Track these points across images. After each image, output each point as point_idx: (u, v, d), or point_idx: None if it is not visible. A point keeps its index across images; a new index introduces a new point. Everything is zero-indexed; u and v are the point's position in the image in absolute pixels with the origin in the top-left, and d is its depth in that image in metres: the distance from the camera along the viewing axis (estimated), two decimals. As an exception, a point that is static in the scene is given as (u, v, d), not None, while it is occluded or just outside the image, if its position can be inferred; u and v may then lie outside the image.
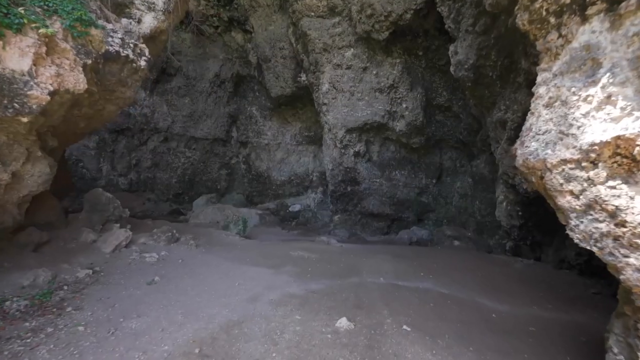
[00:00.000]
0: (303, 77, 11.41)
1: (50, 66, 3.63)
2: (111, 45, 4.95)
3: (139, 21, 5.59)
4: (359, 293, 3.95)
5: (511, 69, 5.42)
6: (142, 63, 5.20)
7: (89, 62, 4.22)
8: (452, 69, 6.54)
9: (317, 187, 13.09)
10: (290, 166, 14.70)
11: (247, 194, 15.37)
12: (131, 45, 5.04)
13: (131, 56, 4.95)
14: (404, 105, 9.79)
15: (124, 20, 5.27)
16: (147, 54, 5.28)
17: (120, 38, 5.05)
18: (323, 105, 10.21)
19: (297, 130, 14.32)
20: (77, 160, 12.96)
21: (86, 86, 4.04)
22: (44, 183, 4.10)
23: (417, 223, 10.72)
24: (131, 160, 13.61)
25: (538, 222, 6.06)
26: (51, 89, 3.58)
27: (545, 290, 4.57)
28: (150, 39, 6.62)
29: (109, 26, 5.10)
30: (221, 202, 15.09)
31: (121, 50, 4.82)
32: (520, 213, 6.21)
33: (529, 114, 2.66)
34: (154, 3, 5.65)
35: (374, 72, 9.63)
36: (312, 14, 9.68)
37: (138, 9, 5.55)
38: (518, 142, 2.70)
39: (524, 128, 2.68)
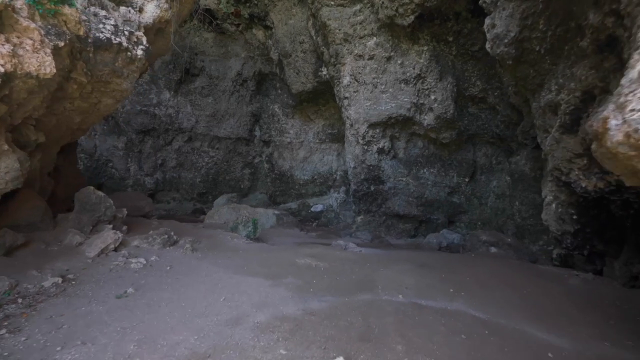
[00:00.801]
0: (324, 71, 10.57)
1: (2, 45, 3.05)
2: (102, 32, 4.41)
3: (140, 10, 5.01)
4: (368, 317, 3.03)
5: (566, 39, 4.26)
6: (139, 52, 4.59)
7: (62, 44, 3.63)
8: (488, 45, 5.42)
9: (339, 186, 12.19)
10: (313, 165, 13.93)
11: (270, 194, 14.77)
12: (125, 33, 4.44)
13: (125, 44, 4.35)
14: (433, 97, 8.67)
15: (122, 9, 4.69)
16: (144, 42, 4.67)
17: (112, 25, 4.50)
18: (344, 99, 9.32)
19: (320, 127, 13.51)
20: (107, 161, 12.93)
21: (54, 70, 3.44)
22: (14, 180, 3.56)
23: (448, 226, 9.53)
24: (157, 160, 13.42)
25: (600, 228, 4.80)
26: (2, 70, 3.00)
27: (618, 318, 3.41)
28: (157, 30, 6.08)
29: (102, 12, 4.57)
30: (244, 201, 14.60)
31: (113, 37, 4.23)
32: (575, 217, 4.97)
33: (628, 69, 1.64)
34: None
35: (399, 61, 8.59)
36: (332, 2, 8.80)
37: (138, -4, 4.97)
38: (609, 108, 1.69)
39: (624, 85, 1.66)
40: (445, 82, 8.60)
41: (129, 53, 4.42)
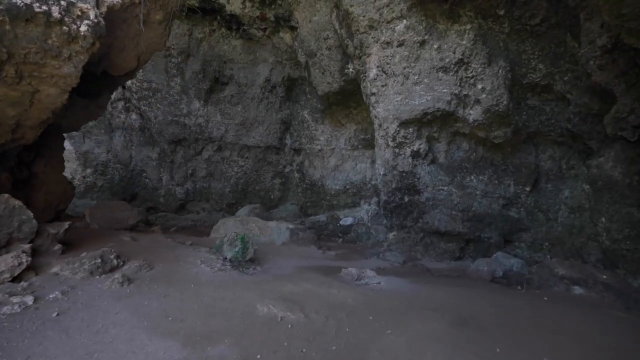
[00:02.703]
0: (350, 68, 9.14)
1: None
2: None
3: None
4: None
5: None
6: (83, 28, 3.58)
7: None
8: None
9: (371, 197, 10.50)
10: (345, 174, 12.42)
11: (301, 205, 13.50)
12: (62, 2, 3.45)
13: (56, 15, 3.35)
14: (479, 87, 6.77)
15: None
16: (92, 17, 3.65)
17: None
18: (371, 95, 7.76)
19: (352, 133, 12.01)
20: (141, 171, 12.66)
21: None
22: None
23: (504, 246, 7.39)
24: (187, 170, 12.88)
25: None
26: None
27: None
28: (135, 18, 5.13)
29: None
30: (274, 213, 13.49)
31: (35, 4, 3.25)
32: None
33: None
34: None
35: (435, 45, 6.85)
36: (355, -14, 7.40)
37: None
38: None
39: None
40: (495, 67, 6.66)
41: (64, 27, 3.40)
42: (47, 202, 4.98)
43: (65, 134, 11.45)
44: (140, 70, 11.65)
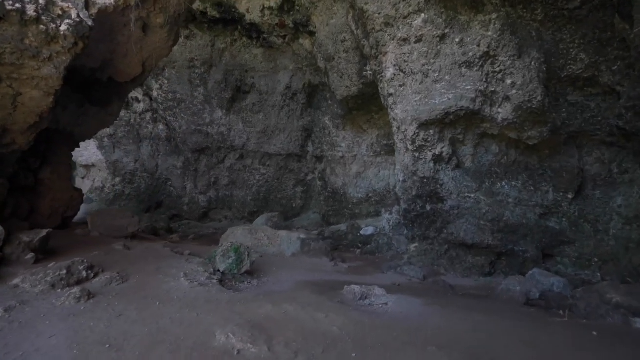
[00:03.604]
0: (368, 70, 8.63)
1: None
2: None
3: None
4: None
5: None
6: (63, 27, 3.43)
7: None
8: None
9: (392, 205, 9.79)
10: (367, 181, 11.80)
11: (324, 213, 13.03)
12: (40, 2, 3.30)
13: (32, 13, 3.21)
14: (509, 82, 5.97)
15: None
16: (74, 16, 3.50)
17: None
18: (389, 97, 7.19)
19: (374, 139, 11.41)
20: (167, 180, 12.89)
21: None
22: None
23: (542, 261, 6.42)
24: (210, 179, 12.91)
25: None
26: None
27: None
28: (136, 22, 5.02)
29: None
30: (295, 222, 13.13)
31: (8, 2, 3.11)
32: None
33: None
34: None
35: (457, 39, 6.18)
36: (369, -17, 6.95)
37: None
38: None
39: None
40: (526, 59, 5.85)
41: (42, 27, 3.26)
42: (53, 209, 4.93)
43: (97, 145, 11.85)
44: (166, 82, 11.93)
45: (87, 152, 11.66)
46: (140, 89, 11.89)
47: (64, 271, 3.17)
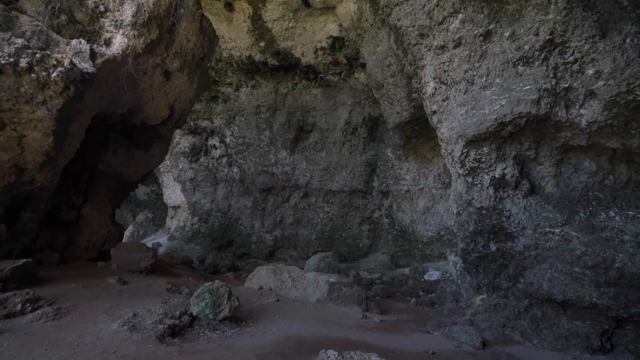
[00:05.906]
0: (414, 90, 7.70)
1: None
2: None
3: (108, 43, 4.48)
4: None
5: None
6: (54, 75, 3.87)
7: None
8: None
9: (457, 244, 7.97)
10: (437, 217, 10.18)
11: (392, 254, 11.68)
12: (36, 55, 3.81)
13: (23, 65, 3.69)
14: (591, 71, 4.34)
15: (74, 41, 4.24)
16: (66, 64, 3.93)
17: (16, 47, 3.67)
18: (433, 114, 6.14)
19: (441, 168, 9.96)
20: (237, 219, 13.64)
21: None
22: None
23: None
24: (276, 217, 13.13)
25: None
26: None
27: None
28: (151, 69, 5.47)
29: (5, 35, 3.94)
30: (362, 263, 12.08)
31: (1, 58, 3.63)
32: None
33: None
34: (122, 20, 4.47)
35: (506, 33, 4.93)
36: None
37: (107, 31, 4.48)
38: None
39: None
40: (616, 36, 4.20)
41: (33, 75, 3.70)
42: (91, 243, 5.45)
43: (181, 188, 13.37)
44: (236, 128, 13.08)
45: (174, 194, 13.35)
46: (217, 137, 13.33)
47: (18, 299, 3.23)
